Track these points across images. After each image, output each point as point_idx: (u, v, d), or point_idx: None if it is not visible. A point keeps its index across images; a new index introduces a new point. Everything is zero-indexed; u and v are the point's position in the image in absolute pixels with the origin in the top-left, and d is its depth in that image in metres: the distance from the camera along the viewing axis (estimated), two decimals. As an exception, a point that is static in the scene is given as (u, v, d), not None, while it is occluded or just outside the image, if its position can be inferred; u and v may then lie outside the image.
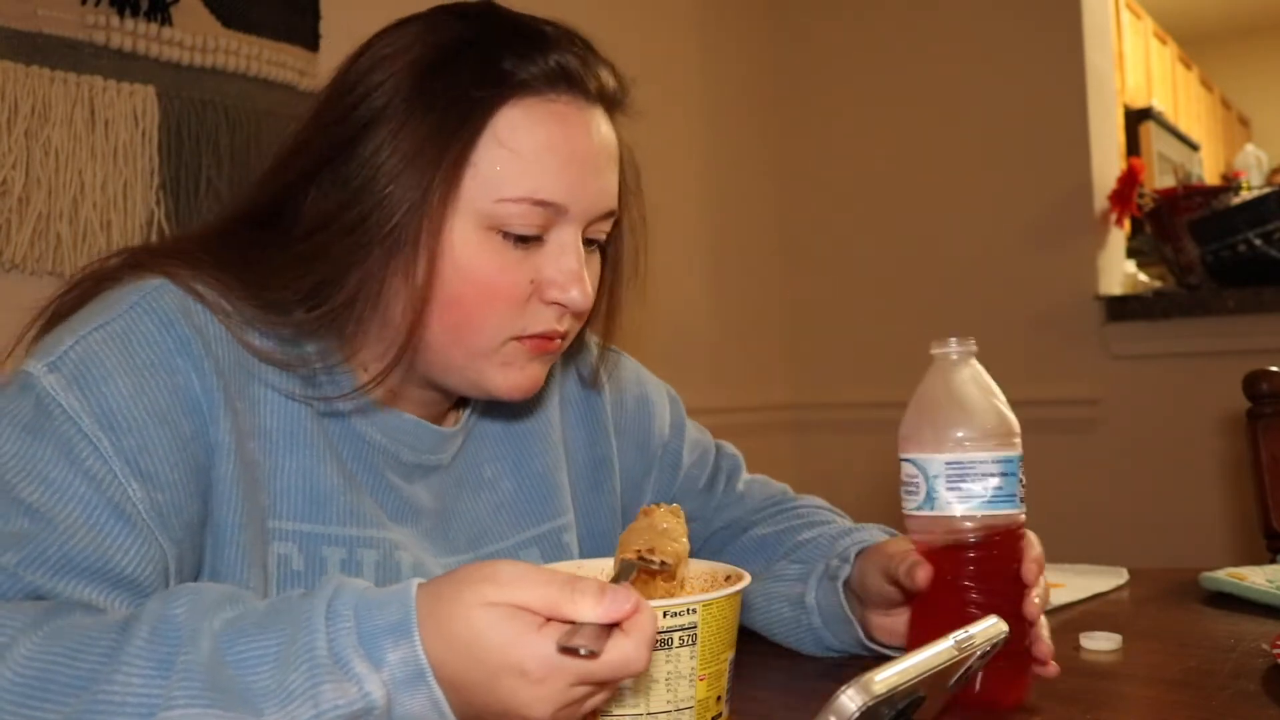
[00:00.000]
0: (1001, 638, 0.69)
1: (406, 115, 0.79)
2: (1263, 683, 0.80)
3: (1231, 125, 6.56)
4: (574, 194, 0.82)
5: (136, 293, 0.77)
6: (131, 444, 0.71)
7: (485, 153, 0.80)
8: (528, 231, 0.81)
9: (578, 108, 0.83)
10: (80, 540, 0.68)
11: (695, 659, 0.70)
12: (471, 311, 0.81)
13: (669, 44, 2.72)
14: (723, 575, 0.80)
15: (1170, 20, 5.22)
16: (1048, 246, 2.67)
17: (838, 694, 0.55)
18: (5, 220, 1.42)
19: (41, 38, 1.46)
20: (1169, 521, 2.49)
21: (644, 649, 0.59)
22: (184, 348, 0.75)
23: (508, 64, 0.80)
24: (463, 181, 0.79)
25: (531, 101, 0.81)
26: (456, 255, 0.80)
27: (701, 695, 0.71)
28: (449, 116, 0.79)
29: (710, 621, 0.70)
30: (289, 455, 0.81)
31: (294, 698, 0.58)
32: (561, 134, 0.82)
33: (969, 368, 0.81)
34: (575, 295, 0.83)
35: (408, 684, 0.59)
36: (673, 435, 1.10)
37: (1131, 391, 2.58)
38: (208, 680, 0.58)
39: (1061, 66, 2.65)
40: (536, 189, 0.80)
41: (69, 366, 0.72)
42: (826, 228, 2.99)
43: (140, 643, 0.60)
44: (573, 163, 0.82)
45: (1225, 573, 1.12)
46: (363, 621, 0.60)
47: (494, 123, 0.80)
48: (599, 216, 0.85)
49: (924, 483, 0.79)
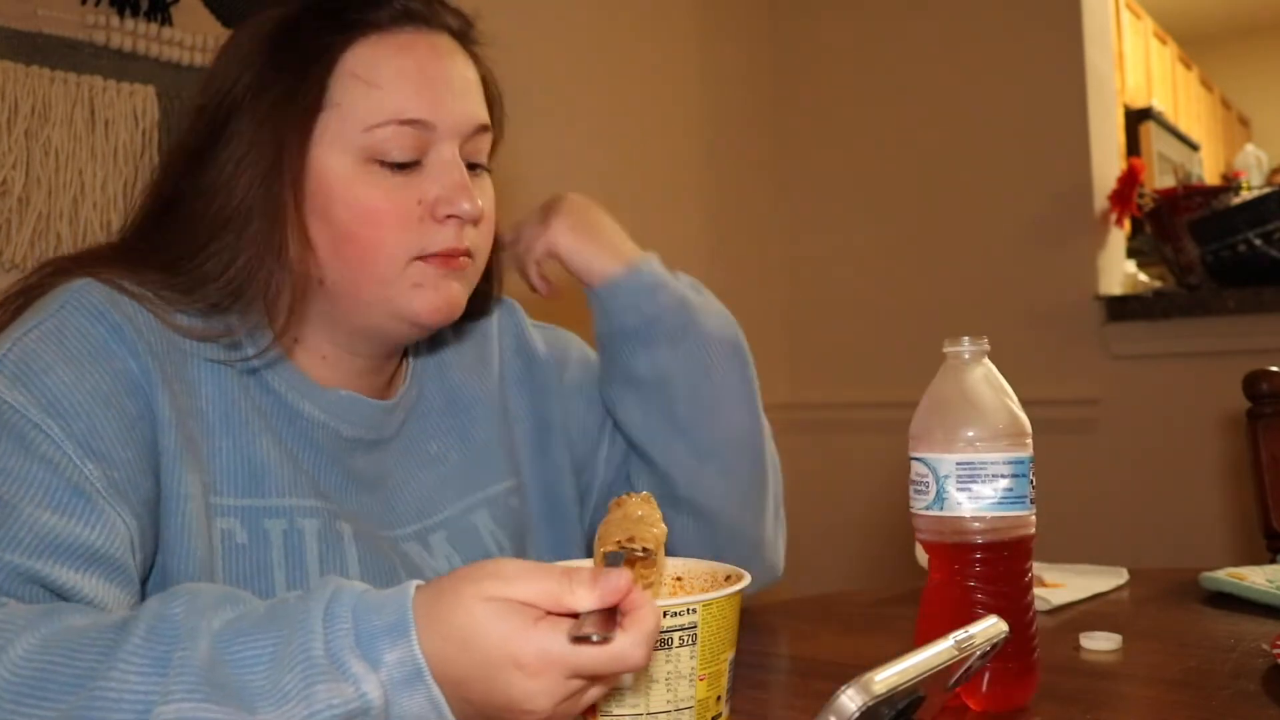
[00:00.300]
0: (1002, 638, 0.69)
1: (261, 85, 0.84)
2: (1263, 683, 0.80)
3: (1231, 125, 6.56)
4: (438, 110, 0.85)
5: (65, 293, 0.80)
6: (80, 427, 0.74)
7: (343, 89, 0.84)
8: (404, 156, 0.85)
9: (423, 35, 0.88)
10: (48, 521, 0.70)
11: (695, 659, 0.70)
12: (366, 242, 0.84)
13: (669, 43, 2.72)
14: (723, 575, 0.80)
15: (1170, 20, 5.22)
16: (1048, 246, 2.67)
17: (838, 694, 0.55)
18: (5, 220, 1.42)
19: (41, 38, 1.46)
20: (1169, 521, 2.49)
21: (642, 645, 0.59)
22: (117, 334, 0.78)
23: (351, 14, 0.85)
24: (328, 122, 0.84)
25: (379, 37, 0.86)
26: (341, 192, 0.84)
27: (701, 695, 0.71)
28: (298, 70, 0.84)
29: (710, 621, 0.70)
30: (226, 435, 0.83)
31: (288, 698, 0.58)
32: (413, 58, 0.86)
33: (981, 367, 0.81)
34: (465, 206, 0.86)
35: (405, 684, 0.59)
36: (584, 378, 1.12)
37: (1131, 391, 2.58)
38: (204, 677, 0.58)
39: (1061, 66, 2.65)
40: (400, 110, 0.84)
41: (9, 367, 0.74)
42: (826, 227, 2.99)
43: (138, 641, 0.60)
44: (430, 82, 0.85)
45: (1225, 573, 1.12)
46: (360, 623, 0.60)
47: (345, 61, 0.84)
48: (471, 132, 0.88)
49: (934, 482, 0.79)
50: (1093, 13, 2.70)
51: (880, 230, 2.90)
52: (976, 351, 0.81)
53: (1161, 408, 2.54)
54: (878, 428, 2.70)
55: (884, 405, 2.78)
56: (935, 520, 0.79)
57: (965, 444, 0.78)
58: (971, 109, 2.77)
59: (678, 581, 0.84)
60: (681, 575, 0.84)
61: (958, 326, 0.96)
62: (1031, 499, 0.79)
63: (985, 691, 0.76)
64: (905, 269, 2.86)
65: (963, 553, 0.78)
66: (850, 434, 2.91)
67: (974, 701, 0.77)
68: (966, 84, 2.78)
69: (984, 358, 0.81)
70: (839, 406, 2.97)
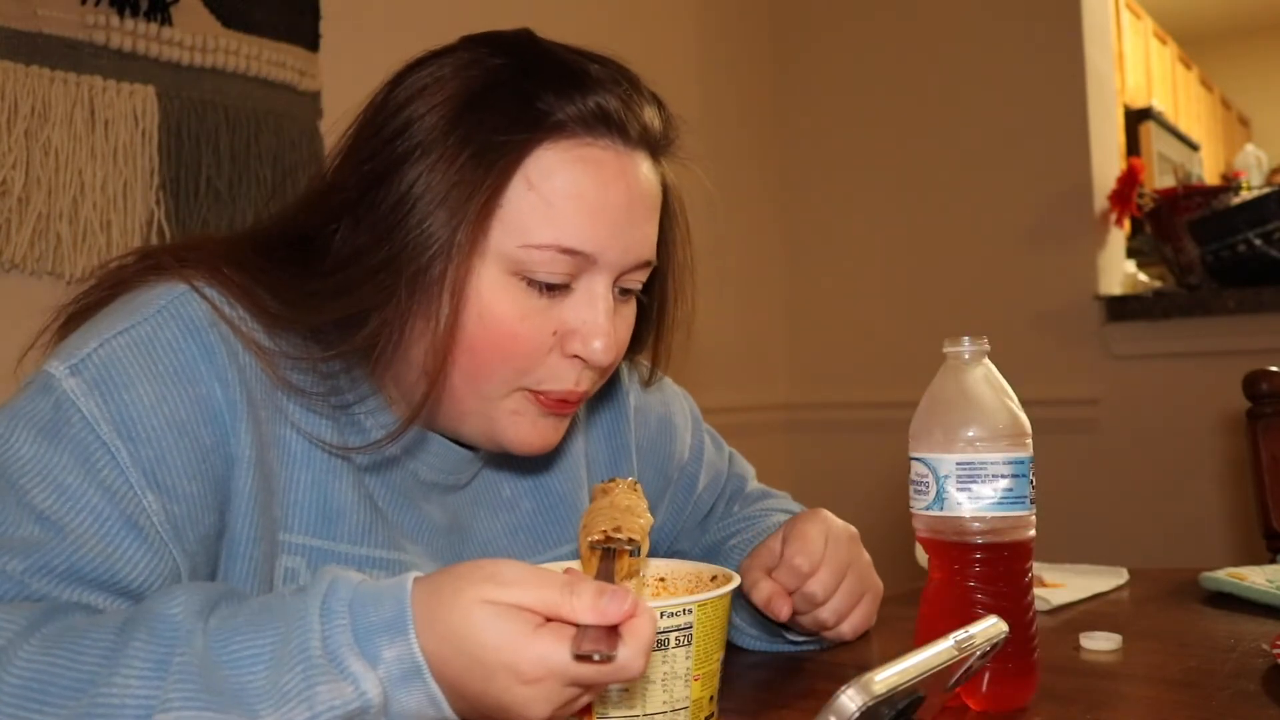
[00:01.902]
0: (1002, 638, 0.69)
1: (439, 155, 0.76)
2: (1263, 683, 0.80)
3: (1231, 125, 6.56)
4: (604, 244, 0.78)
5: (163, 297, 0.75)
6: (149, 454, 0.70)
7: (515, 196, 0.77)
8: (553, 279, 0.78)
9: (615, 153, 0.80)
10: (90, 551, 0.67)
11: (690, 659, 0.70)
12: (485, 359, 0.78)
13: (669, 41, 2.72)
14: (708, 576, 0.80)
15: (1170, 20, 5.22)
16: (1048, 246, 2.67)
17: (838, 694, 0.55)
18: (5, 220, 1.42)
19: (41, 38, 1.46)
20: (1169, 521, 2.49)
21: (641, 656, 0.59)
22: (208, 357, 0.74)
23: (543, 103, 0.77)
24: (491, 225, 0.77)
25: (566, 144, 0.78)
26: (480, 300, 0.77)
27: (696, 695, 0.71)
28: (481, 159, 0.76)
29: (705, 621, 0.70)
30: (307, 468, 0.79)
31: (289, 699, 0.58)
32: (595, 180, 0.78)
33: (981, 367, 0.81)
34: (598, 347, 0.79)
35: (403, 681, 0.59)
36: (691, 459, 1.09)
37: (1131, 391, 2.58)
38: (203, 682, 0.58)
39: (1061, 66, 2.65)
40: (563, 236, 0.77)
41: (91, 370, 0.70)
42: (826, 227, 2.99)
43: (138, 644, 0.59)
44: (605, 211, 0.78)
45: (1225, 573, 1.12)
46: (358, 618, 0.60)
47: (525, 166, 0.77)
48: (633, 267, 0.82)
49: (934, 482, 0.79)
50: (1093, 13, 2.70)
51: (880, 230, 2.90)
52: (977, 351, 0.81)
53: (1161, 408, 2.54)
54: (877, 428, 2.70)
55: (883, 405, 2.78)
56: (935, 520, 0.79)
57: (965, 444, 0.78)
58: (971, 109, 2.77)
59: (661, 582, 0.83)
60: (665, 576, 0.83)
61: (957, 326, 0.96)
62: (1032, 499, 0.79)
63: (985, 691, 0.76)
64: (905, 269, 2.86)
65: (963, 553, 0.78)
66: (850, 434, 2.91)
67: (974, 701, 0.77)
68: (966, 84, 2.78)
69: (984, 358, 0.81)
70: (838, 406, 2.97)
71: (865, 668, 0.57)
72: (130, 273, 0.80)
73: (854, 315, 2.95)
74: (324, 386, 0.80)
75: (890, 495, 1.29)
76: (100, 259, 1.51)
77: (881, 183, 2.90)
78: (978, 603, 0.77)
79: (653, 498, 1.05)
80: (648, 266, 0.84)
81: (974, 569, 0.78)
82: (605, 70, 0.81)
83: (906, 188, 2.86)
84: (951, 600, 0.79)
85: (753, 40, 3.02)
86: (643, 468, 1.04)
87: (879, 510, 2.26)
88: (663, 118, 0.85)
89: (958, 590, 0.79)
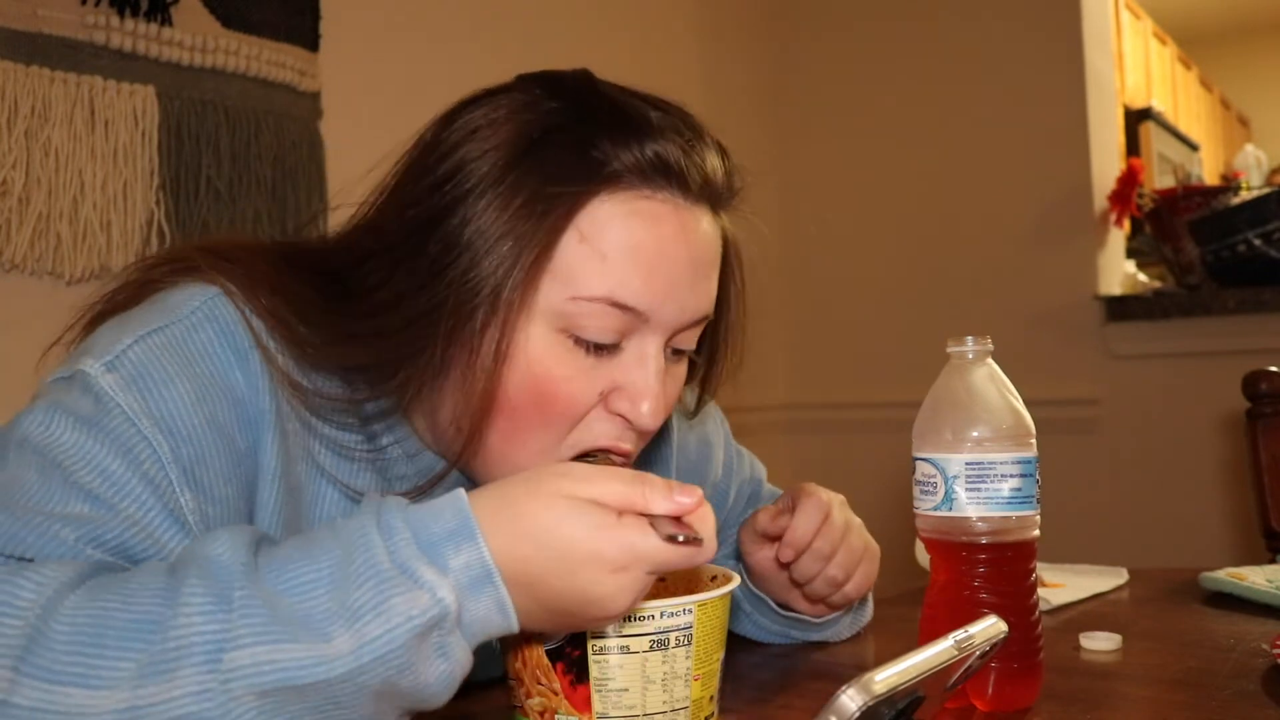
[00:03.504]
0: (1001, 637, 0.69)
1: (488, 203, 0.73)
2: (1263, 683, 0.80)
3: (1231, 125, 6.57)
4: (658, 302, 0.74)
5: (195, 299, 0.73)
6: (188, 454, 0.68)
7: (566, 248, 0.73)
8: (602, 339, 0.74)
9: (674, 207, 0.76)
10: (138, 534, 0.65)
11: (690, 659, 0.70)
12: (525, 423, 0.75)
13: (670, 44, 2.72)
14: (708, 575, 0.80)
15: (1170, 20, 5.22)
16: (1048, 246, 2.67)
17: (838, 694, 0.55)
18: (5, 220, 1.42)
19: (41, 38, 1.46)
20: (1169, 521, 2.49)
21: (714, 540, 0.62)
22: (243, 362, 0.72)
23: (600, 152, 0.73)
24: (540, 280, 0.73)
25: (623, 196, 0.74)
26: (525, 358, 0.74)
27: (696, 695, 0.71)
28: (532, 209, 0.72)
29: (705, 621, 0.70)
30: (333, 485, 0.78)
31: (362, 614, 0.56)
32: (652, 235, 0.74)
33: (985, 367, 0.81)
34: (645, 411, 0.76)
35: (474, 588, 0.58)
36: (724, 475, 1.09)
37: (1131, 391, 2.58)
38: (270, 613, 0.56)
39: (1061, 67, 2.65)
40: (616, 290, 0.73)
41: (127, 367, 0.69)
42: (826, 227, 2.99)
43: (193, 583, 0.57)
44: (661, 267, 0.74)
45: (1225, 573, 1.12)
46: (419, 532, 0.58)
47: (579, 218, 0.73)
48: (687, 325, 0.78)
49: (942, 483, 0.78)
50: (1092, 13, 2.70)
51: (880, 230, 2.90)
52: (980, 351, 0.81)
53: (1161, 408, 2.54)
54: (876, 428, 2.70)
55: (883, 405, 2.78)
56: (943, 521, 0.79)
57: (974, 444, 0.77)
58: (971, 109, 2.77)
59: (660, 582, 0.83)
60: (664, 575, 0.83)
61: (957, 326, 0.96)
62: (1037, 499, 0.79)
63: (991, 693, 0.76)
64: (905, 269, 2.86)
65: (969, 553, 0.78)
66: (849, 434, 2.91)
67: (981, 702, 0.77)
68: (966, 85, 2.78)
69: (988, 358, 0.81)
70: (838, 406, 2.97)
71: (864, 668, 0.57)
72: (162, 272, 0.78)
73: (853, 315, 2.95)
74: (354, 420, 0.78)
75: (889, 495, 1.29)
76: (100, 259, 1.51)
77: (881, 182, 2.90)
78: (982, 603, 0.77)
79: None
80: (703, 323, 0.80)
81: (979, 570, 0.78)
82: (666, 118, 0.77)
83: (906, 188, 2.86)
84: (956, 601, 0.78)
85: (753, 43, 3.02)
86: None
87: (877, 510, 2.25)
88: (726, 168, 0.81)
89: (962, 591, 0.78)
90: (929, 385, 0.82)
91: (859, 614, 1.02)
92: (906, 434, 0.81)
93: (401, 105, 1.91)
